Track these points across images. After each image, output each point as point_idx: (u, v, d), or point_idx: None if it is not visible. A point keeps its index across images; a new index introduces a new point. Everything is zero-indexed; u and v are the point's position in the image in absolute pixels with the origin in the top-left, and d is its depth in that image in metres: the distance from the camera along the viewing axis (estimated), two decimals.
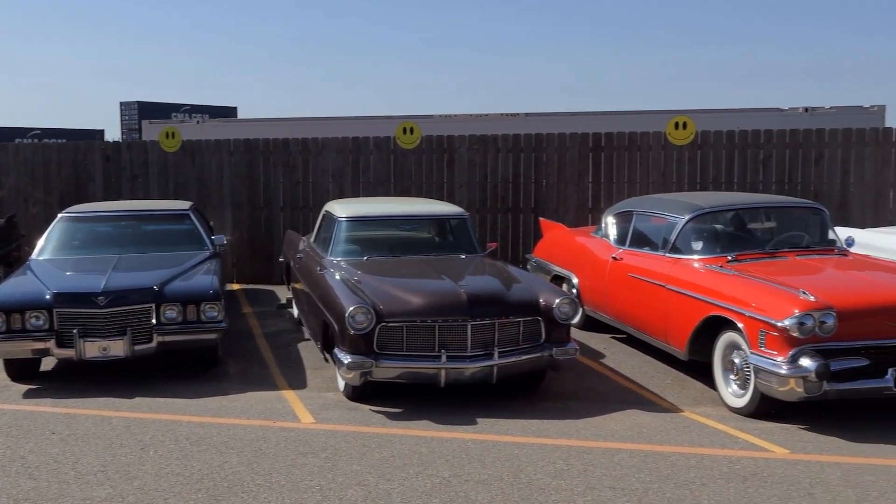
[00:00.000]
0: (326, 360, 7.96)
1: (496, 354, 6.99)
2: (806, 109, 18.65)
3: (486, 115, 19.61)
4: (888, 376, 6.37)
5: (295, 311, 10.27)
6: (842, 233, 9.11)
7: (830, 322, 6.33)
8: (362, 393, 7.23)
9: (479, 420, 6.75)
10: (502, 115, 19.55)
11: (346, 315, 6.89)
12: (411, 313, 6.99)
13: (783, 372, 6.33)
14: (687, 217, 8.10)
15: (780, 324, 6.34)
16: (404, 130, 13.14)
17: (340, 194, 13.11)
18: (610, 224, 9.35)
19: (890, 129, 12.56)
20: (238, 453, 6.03)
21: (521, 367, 7.20)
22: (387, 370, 6.97)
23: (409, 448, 6.12)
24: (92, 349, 7.65)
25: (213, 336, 7.99)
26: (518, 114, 19.51)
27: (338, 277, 7.86)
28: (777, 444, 6.17)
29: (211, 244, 9.79)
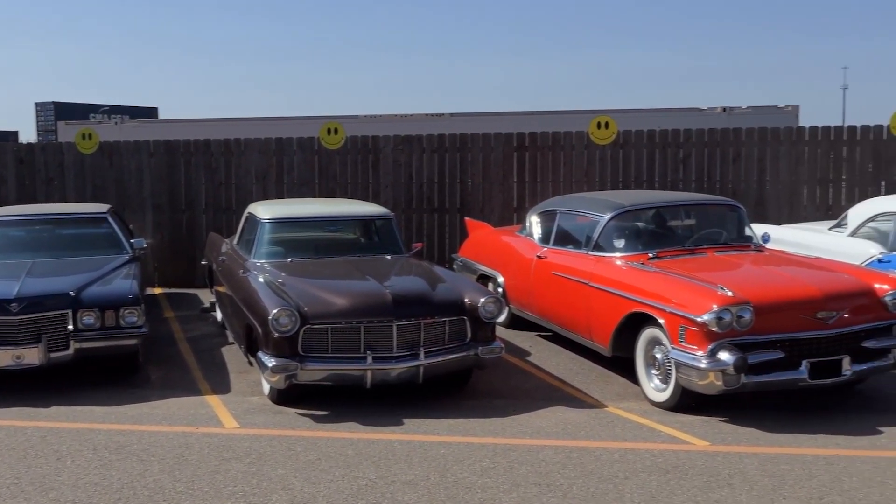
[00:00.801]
0: (251, 364, 7.85)
1: (422, 354, 6.99)
2: (724, 109, 19.11)
3: (411, 115, 19.61)
4: (802, 368, 6.56)
5: (218, 315, 10.11)
6: (758, 229, 9.32)
7: (747, 316, 6.48)
8: (287, 396, 7.14)
9: (405, 420, 6.74)
10: (427, 115, 19.58)
11: (270, 317, 6.81)
12: (336, 315, 6.94)
13: (703, 366, 6.46)
14: (609, 215, 8.21)
15: (699, 319, 6.47)
16: (328, 131, 13.04)
17: (264, 196, 12.95)
18: (534, 223, 9.43)
19: (803, 128, 12.93)
20: (159, 461, 5.90)
21: (447, 367, 7.21)
22: (312, 373, 6.90)
23: (336, 450, 6.07)
24: (4, 358, 7.40)
25: (132, 342, 7.81)
26: (443, 114, 19.56)
27: (261, 280, 7.76)
28: (697, 436, 6.30)
29: (130, 248, 9.57)
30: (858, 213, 9.42)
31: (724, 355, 6.42)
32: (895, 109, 12.32)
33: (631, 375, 7.50)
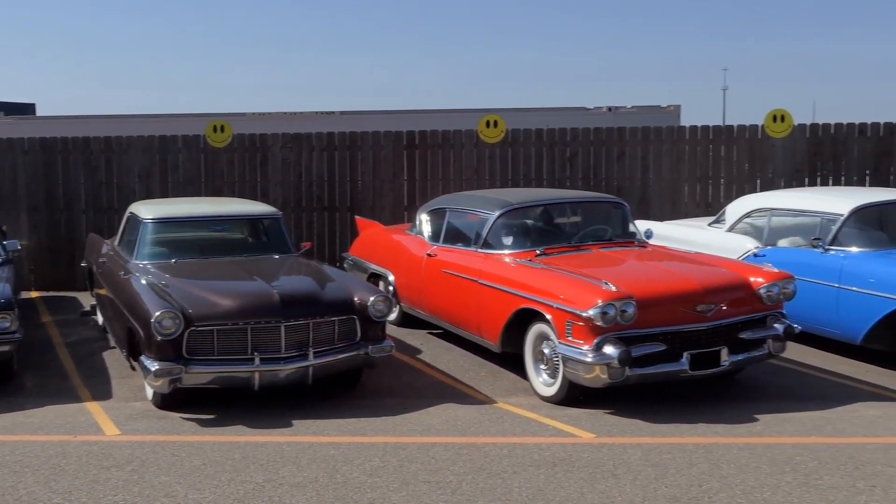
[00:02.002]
0: (133, 369, 7.61)
1: (311, 355, 6.90)
2: (609, 109, 19.57)
3: (301, 113, 19.38)
4: (683, 359, 6.77)
5: (99, 318, 9.75)
6: (642, 226, 9.57)
7: (631, 311, 6.64)
8: (172, 401, 6.95)
9: (294, 422, 6.65)
10: (317, 113, 19.39)
11: (153, 320, 6.61)
12: (222, 316, 6.79)
13: (589, 360, 6.59)
14: (497, 213, 8.29)
15: (584, 314, 6.60)
16: (215, 129, 12.76)
17: (147, 195, 12.57)
18: (424, 221, 9.44)
19: (684, 127, 13.36)
20: (34, 472, 5.65)
21: (337, 367, 7.15)
22: (197, 376, 6.74)
23: (222, 455, 5.94)
24: None
25: (6, 348, 7.46)
26: (333, 112, 19.41)
27: (143, 282, 7.52)
28: (584, 429, 6.42)
29: (3, 249, 9.15)
30: (735, 209, 9.78)
31: (608, 349, 6.57)
32: (770, 110, 12.85)
33: (520, 371, 7.59)
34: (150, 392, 7.10)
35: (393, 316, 9.54)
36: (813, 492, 5.24)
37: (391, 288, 9.58)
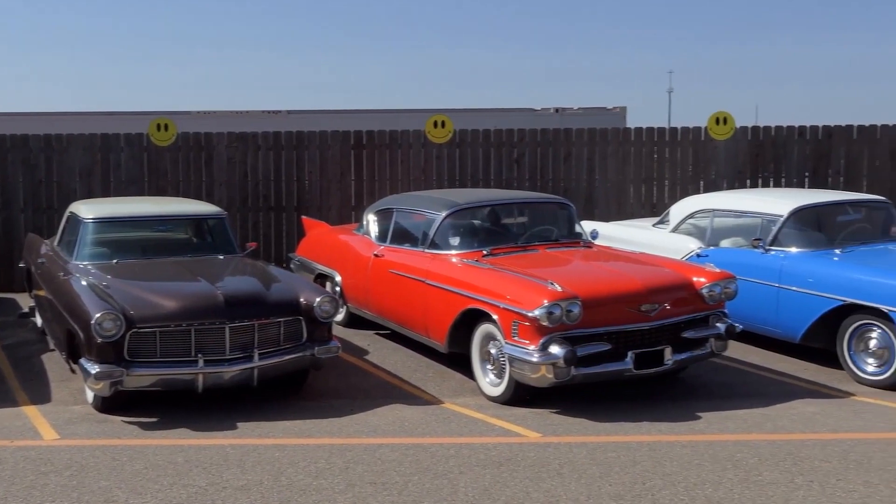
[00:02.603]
0: (73, 372, 7.45)
1: (256, 356, 6.84)
2: (556, 110, 19.69)
3: (247, 111, 19.17)
4: (628, 359, 6.84)
5: (38, 320, 9.54)
6: (588, 226, 9.65)
7: (576, 311, 6.69)
8: (113, 404, 6.83)
9: (239, 424, 6.57)
10: (264, 112, 19.20)
11: (93, 322, 6.49)
12: (164, 318, 6.70)
13: (535, 360, 6.63)
14: (444, 213, 8.29)
15: (530, 314, 6.63)
16: (158, 127, 12.56)
17: (89, 194, 12.32)
18: (371, 221, 9.41)
19: (630, 129, 13.51)
20: None
21: (282, 368, 7.09)
22: (139, 378, 6.63)
23: (164, 458, 5.85)
24: None
25: None
26: (280, 111, 19.24)
27: (84, 283, 7.37)
28: (530, 428, 6.45)
29: None
30: (679, 210, 9.91)
31: (554, 349, 6.61)
32: (713, 112, 13.05)
33: (467, 371, 7.60)
34: (90, 395, 6.96)
35: (340, 317, 9.53)
36: (753, 487, 5.33)
37: (338, 288, 9.53)
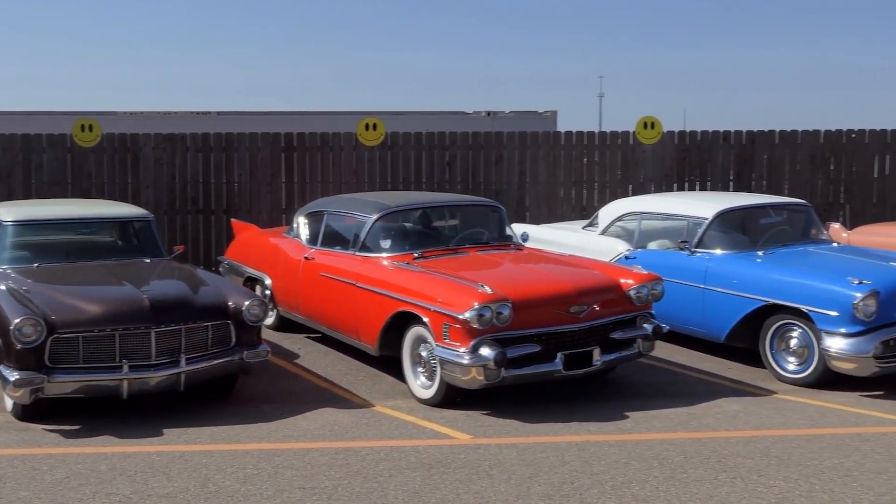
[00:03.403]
0: None
1: (183, 361, 6.72)
2: (488, 113, 19.77)
3: (175, 112, 18.84)
4: (557, 360, 6.91)
5: None
6: (518, 229, 9.72)
7: (506, 312, 6.73)
8: (33, 412, 6.64)
9: (165, 431, 6.45)
10: (192, 112, 18.88)
11: (12, 328, 6.30)
12: (88, 323, 6.54)
13: (465, 362, 6.65)
14: (375, 216, 8.27)
15: (461, 316, 6.65)
16: (83, 128, 12.27)
17: (9, 197, 11.95)
18: (302, 224, 9.33)
19: (560, 132, 13.66)
20: None
21: (210, 373, 6.98)
22: (62, 385, 6.46)
23: (87, 467, 5.71)
24: None
25: None
26: (209, 112, 18.95)
27: (3, 288, 7.15)
28: (461, 430, 6.47)
29: None
30: (608, 213, 10.05)
31: (484, 351, 6.64)
32: (642, 117, 13.27)
33: (398, 374, 7.59)
34: (9, 403, 6.76)
35: (269, 320, 9.43)
36: (678, 485, 5.43)
37: (268, 292, 9.43)
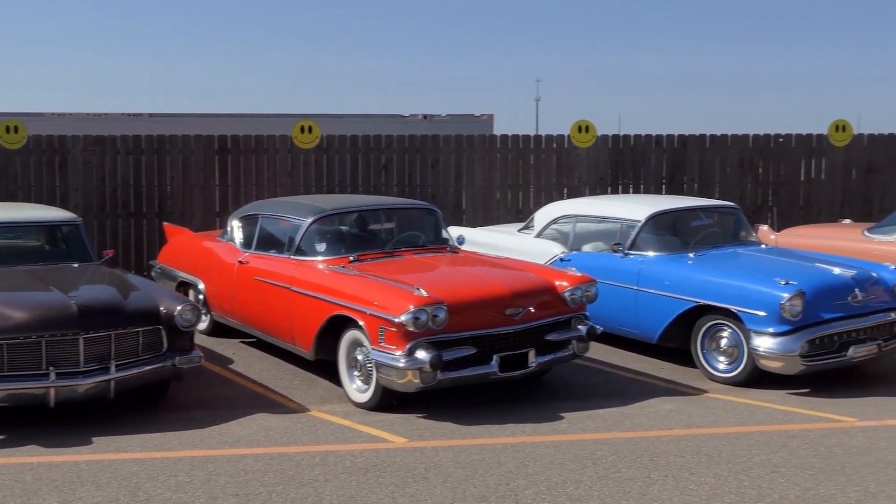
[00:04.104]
0: None
1: (113, 368, 6.60)
2: (425, 116, 19.81)
3: (106, 114, 18.48)
4: (493, 362, 6.94)
5: None
6: (454, 232, 9.75)
7: (442, 315, 6.74)
8: None
9: (94, 439, 6.31)
10: (123, 114, 18.55)
11: None
12: (12, 329, 6.37)
13: (401, 365, 6.64)
14: (310, 219, 8.21)
15: (396, 319, 6.64)
16: (8, 129, 11.94)
17: None
18: (236, 228, 9.22)
19: (496, 136, 13.74)
20: None
21: (141, 380, 6.87)
22: None
23: (11, 478, 5.55)
24: None
25: None
26: (141, 114, 18.64)
27: None
28: (397, 434, 6.46)
29: None
30: (543, 215, 10.14)
31: (420, 354, 6.64)
32: (576, 121, 13.41)
33: (334, 378, 7.54)
34: None
35: (203, 325, 9.30)
36: (612, 484, 5.50)
37: (201, 296, 9.29)
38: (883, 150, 14.23)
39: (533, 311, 7.22)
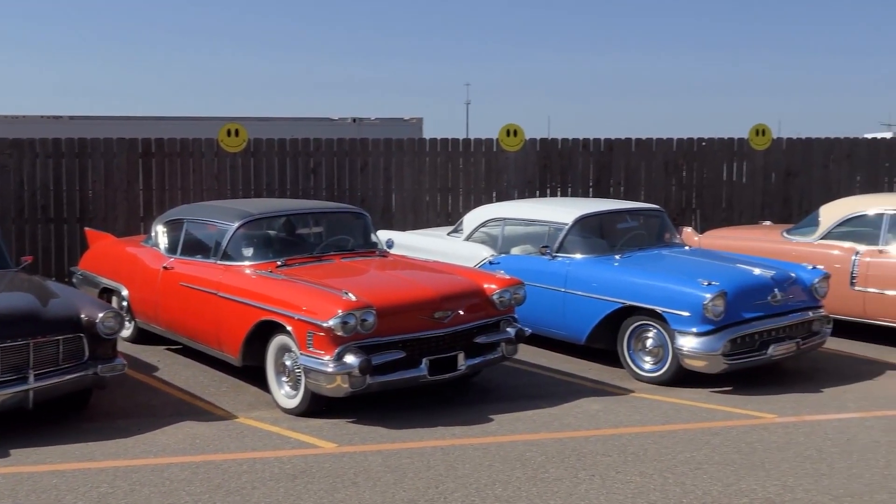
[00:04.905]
0: None
1: (32, 377, 6.42)
2: (354, 120, 19.76)
3: (24, 116, 17.99)
4: (422, 365, 6.94)
5: None
6: (384, 235, 9.75)
7: (371, 319, 6.72)
8: None
9: (13, 451, 6.12)
10: (43, 117, 18.08)
11: None
12: None
13: (330, 370, 6.60)
14: (237, 224, 8.10)
15: (325, 324, 6.60)
16: None
17: None
18: (160, 233, 9.05)
19: (425, 139, 13.77)
20: None
21: (62, 389, 6.69)
22: None
23: None
24: None
25: None
26: (61, 116, 18.18)
27: None
28: (326, 439, 6.41)
29: None
30: (472, 219, 10.18)
31: (349, 358, 6.60)
32: (505, 125, 13.52)
33: (263, 384, 7.45)
34: None
35: (126, 332, 9.10)
36: (540, 485, 5.55)
37: (125, 303, 9.10)
38: (801, 154, 14.69)
39: (462, 314, 7.25)
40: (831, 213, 10.04)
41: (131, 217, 12.22)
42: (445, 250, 9.67)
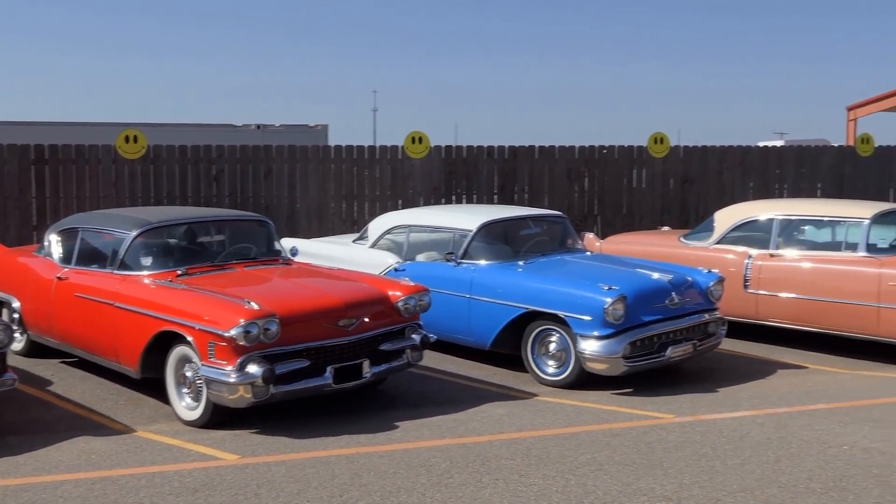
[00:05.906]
0: None
1: None
2: (258, 126, 19.52)
3: None
4: (327, 374, 6.89)
5: None
6: (288, 243, 9.65)
7: (274, 328, 6.64)
8: None
9: None
10: None
11: None
12: None
13: (232, 380, 6.49)
14: (135, 233, 7.90)
15: (226, 334, 6.49)
16: None
17: None
18: (54, 242, 8.75)
19: (330, 146, 13.70)
20: None
21: None
22: None
23: None
24: None
25: None
26: None
27: None
28: (228, 451, 6.30)
29: None
30: (377, 226, 10.17)
31: (252, 368, 6.51)
32: (410, 132, 13.55)
33: (162, 396, 7.28)
34: None
35: (18, 346, 8.79)
36: (444, 490, 5.57)
37: (16, 315, 8.76)
38: (697, 162, 15.16)
39: (367, 321, 7.23)
40: (725, 218, 10.39)
41: (24, 226, 11.80)
42: (350, 258, 9.63)
